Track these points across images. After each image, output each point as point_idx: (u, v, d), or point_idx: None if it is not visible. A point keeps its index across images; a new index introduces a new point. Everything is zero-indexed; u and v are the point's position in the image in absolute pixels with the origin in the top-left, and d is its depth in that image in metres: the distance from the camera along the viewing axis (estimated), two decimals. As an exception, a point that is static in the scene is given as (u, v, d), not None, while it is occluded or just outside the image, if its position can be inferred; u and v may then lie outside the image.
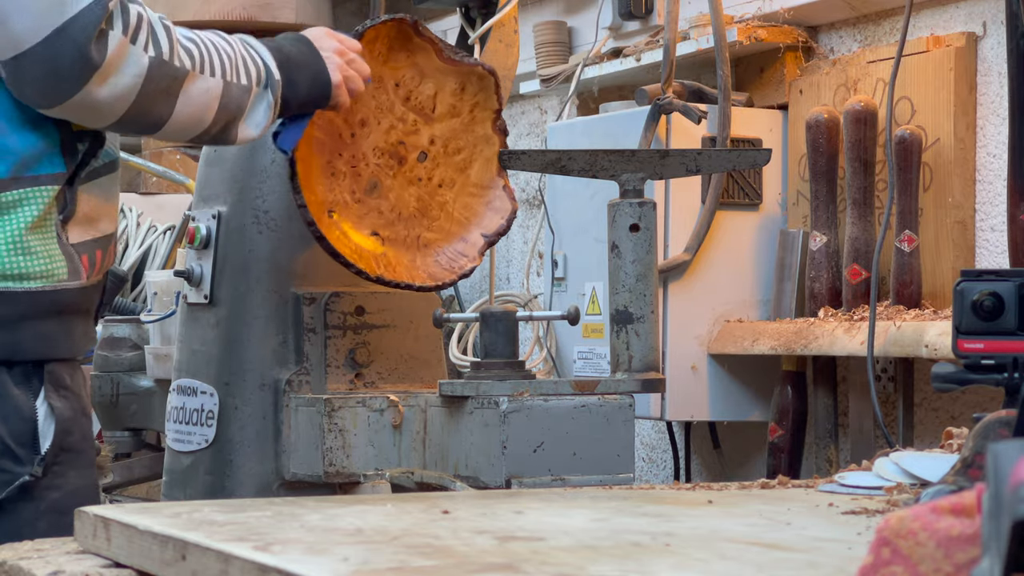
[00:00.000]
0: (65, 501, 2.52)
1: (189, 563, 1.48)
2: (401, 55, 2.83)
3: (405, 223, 2.83)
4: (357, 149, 2.79)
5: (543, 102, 4.62)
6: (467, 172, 2.87)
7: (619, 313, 2.51)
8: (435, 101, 2.85)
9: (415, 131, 2.84)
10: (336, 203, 2.76)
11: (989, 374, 1.94)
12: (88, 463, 2.58)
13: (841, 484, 1.93)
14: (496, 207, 2.86)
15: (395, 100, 2.83)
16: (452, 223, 2.85)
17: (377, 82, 2.79)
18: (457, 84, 2.86)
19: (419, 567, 1.32)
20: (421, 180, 2.84)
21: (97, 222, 2.56)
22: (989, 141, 3.25)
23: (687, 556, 1.39)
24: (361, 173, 2.79)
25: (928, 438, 3.33)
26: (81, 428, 2.57)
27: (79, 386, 2.58)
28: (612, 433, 2.50)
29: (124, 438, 3.95)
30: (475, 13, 3.72)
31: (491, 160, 2.87)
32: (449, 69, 2.85)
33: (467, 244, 2.85)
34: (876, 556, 1.07)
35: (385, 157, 2.82)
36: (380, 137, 2.81)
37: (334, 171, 2.77)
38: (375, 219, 2.80)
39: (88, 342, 2.60)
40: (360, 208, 2.79)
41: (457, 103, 2.87)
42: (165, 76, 2.41)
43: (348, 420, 2.72)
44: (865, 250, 3.33)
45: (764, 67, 3.75)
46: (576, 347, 3.76)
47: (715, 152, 2.81)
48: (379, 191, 2.81)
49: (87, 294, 2.54)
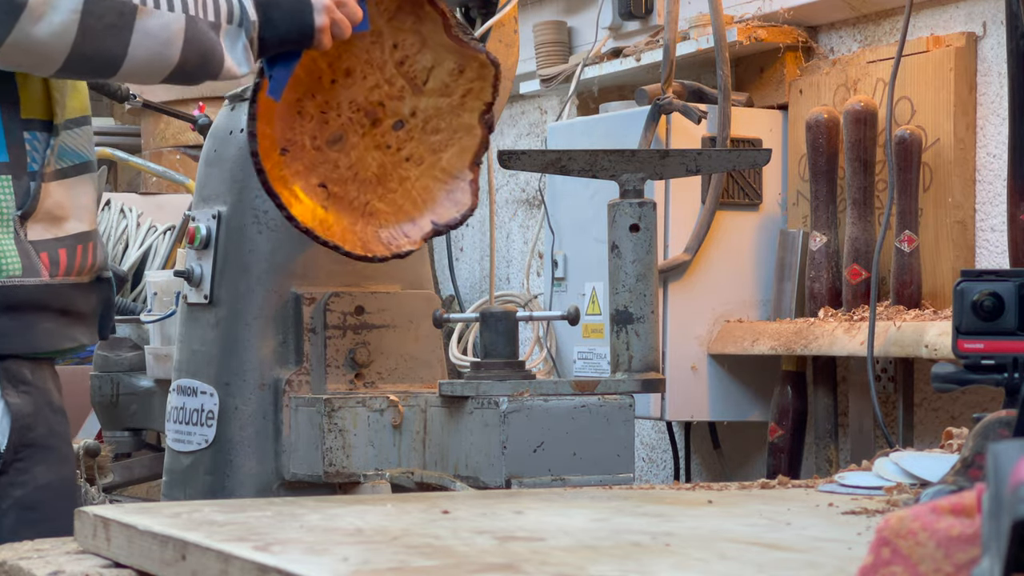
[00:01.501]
0: (33, 496, 2.51)
1: (189, 563, 1.48)
2: (409, 18, 2.75)
3: (359, 185, 2.74)
4: (333, 97, 2.71)
5: (543, 102, 4.62)
6: (439, 155, 2.79)
7: (619, 313, 2.51)
8: (429, 75, 2.77)
9: (399, 97, 2.76)
10: (292, 143, 2.67)
11: (989, 374, 1.94)
12: (59, 458, 2.57)
13: (841, 484, 1.93)
14: (456, 199, 2.78)
15: (388, 60, 2.74)
16: (407, 200, 2.76)
17: (375, 36, 2.72)
18: (456, 65, 2.78)
19: (419, 567, 1.32)
20: (390, 148, 2.76)
21: (63, 221, 2.55)
22: (989, 141, 3.25)
23: (687, 556, 1.39)
24: (329, 122, 2.71)
25: (928, 438, 3.33)
26: (47, 423, 2.56)
27: (44, 381, 2.57)
28: (612, 433, 2.50)
29: (124, 438, 3.95)
30: (475, 13, 3.71)
31: (467, 150, 2.79)
32: (453, 47, 2.77)
33: (414, 227, 2.75)
34: (876, 556, 1.07)
35: (360, 113, 2.74)
36: (361, 92, 2.73)
37: (301, 110, 2.68)
38: (328, 171, 2.71)
39: (62, 340, 2.58)
40: (316, 156, 2.70)
41: (451, 84, 2.79)
42: (108, 10, 2.35)
43: (348, 420, 2.72)
44: (865, 250, 3.33)
45: (764, 67, 3.75)
46: (576, 347, 3.77)
47: (715, 152, 2.81)
48: (342, 145, 2.72)
49: (55, 292, 2.53)
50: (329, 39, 2.56)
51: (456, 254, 4.96)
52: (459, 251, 4.97)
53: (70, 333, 2.59)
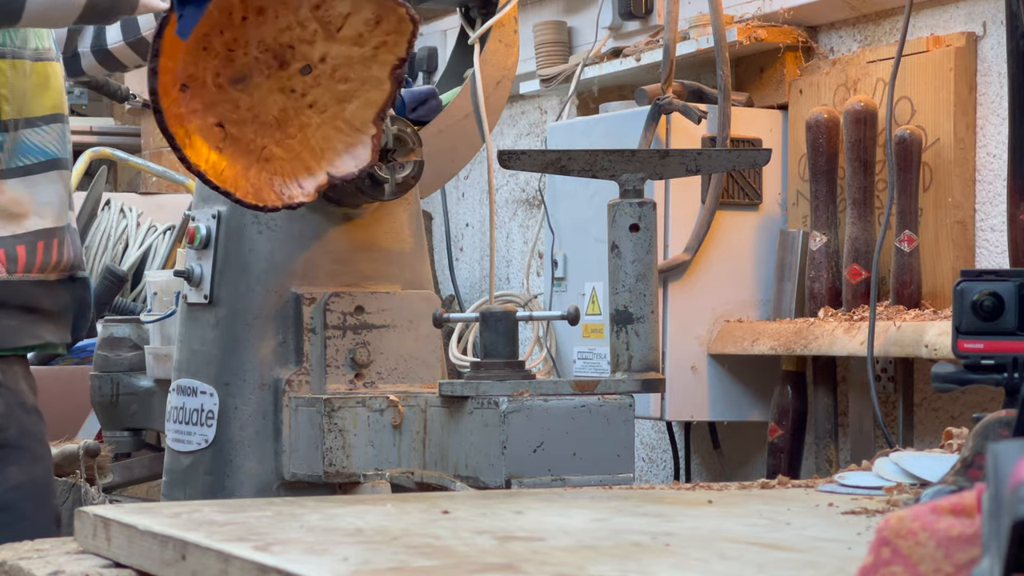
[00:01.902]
0: (5, 498, 2.51)
1: (189, 563, 1.48)
2: None
3: (257, 127, 2.63)
4: (242, 34, 2.61)
5: (543, 102, 4.62)
6: (344, 105, 2.69)
7: (619, 313, 2.50)
8: (345, 21, 2.66)
9: (310, 41, 2.66)
10: (194, 79, 2.56)
11: (989, 374, 1.94)
12: (32, 459, 2.57)
13: (841, 484, 1.93)
14: (356, 153, 2.67)
15: (304, 2, 2.63)
16: (305, 148, 2.67)
17: None
18: (373, 15, 2.66)
19: (419, 567, 1.32)
20: (294, 92, 2.66)
21: (21, 218, 2.54)
22: (989, 141, 3.25)
23: (687, 556, 1.39)
24: (235, 60, 2.61)
25: (928, 438, 3.33)
26: (19, 423, 2.55)
27: (15, 381, 2.56)
28: (612, 433, 2.50)
29: (124, 438, 3.95)
30: (475, 13, 3.71)
31: (374, 104, 2.68)
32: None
33: (310, 177, 2.65)
34: (876, 556, 1.07)
35: (267, 54, 2.63)
36: (272, 32, 2.63)
37: (207, 46, 2.58)
38: (228, 110, 2.61)
39: (24, 338, 2.57)
40: (217, 94, 2.60)
41: (366, 33, 2.67)
42: None
43: (348, 420, 2.72)
44: (865, 250, 3.33)
45: (764, 67, 3.75)
46: (576, 347, 3.76)
47: (715, 152, 2.80)
48: (245, 85, 2.62)
49: (15, 289, 2.52)
50: None
51: (456, 254, 4.96)
52: (459, 251, 4.97)
53: (34, 331, 2.58)
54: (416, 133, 2.89)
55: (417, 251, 2.98)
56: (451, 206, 4.96)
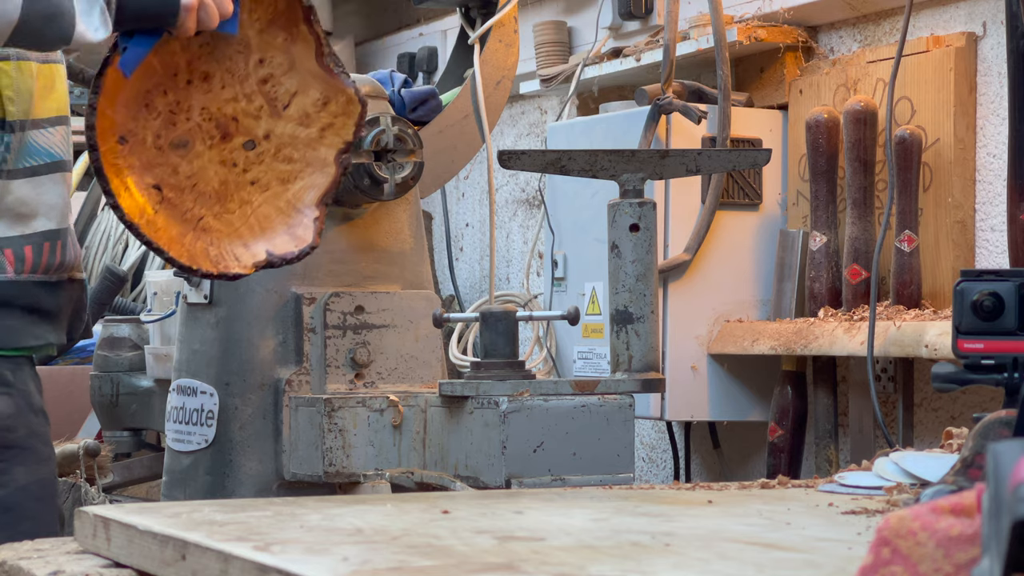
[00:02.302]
0: (12, 498, 2.52)
1: (189, 563, 1.48)
2: (280, 34, 2.59)
3: (196, 197, 2.57)
4: (186, 98, 2.55)
5: (543, 102, 4.62)
6: (287, 186, 2.61)
7: (619, 313, 2.51)
8: (291, 99, 2.61)
9: (256, 116, 2.60)
10: (133, 135, 2.51)
11: (989, 374, 1.94)
12: (38, 460, 2.58)
13: (841, 484, 1.93)
14: (297, 234, 2.59)
15: (251, 75, 2.58)
16: (243, 225, 2.59)
17: (242, 46, 2.57)
18: (322, 96, 2.62)
19: (419, 567, 1.32)
20: (236, 166, 2.59)
21: (28, 219, 2.55)
22: (989, 141, 3.25)
23: (687, 556, 1.39)
24: (177, 124, 2.55)
25: (928, 438, 3.33)
26: (28, 424, 2.56)
27: (24, 383, 2.57)
28: (612, 433, 2.50)
29: (124, 438, 3.95)
30: (475, 13, 3.71)
31: (318, 187, 2.61)
32: (322, 76, 2.61)
33: (246, 251, 2.57)
34: (876, 556, 1.07)
35: (211, 123, 2.57)
36: (216, 101, 2.57)
37: (148, 104, 2.53)
38: (166, 174, 2.54)
39: (28, 338, 2.58)
40: (156, 155, 2.53)
41: (313, 114, 2.62)
42: None
43: (348, 420, 2.72)
44: (865, 250, 3.33)
45: (764, 67, 3.75)
46: (576, 347, 3.76)
47: (715, 152, 2.80)
48: (186, 152, 2.56)
49: (21, 289, 2.53)
50: (194, 23, 2.44)
51: (456, 254, 4.96)
52: (459, 251, 4.97)
53: (37, 331, 2.59)
54: (416, 133, 2.89)
55: (417, 251, 2.98)
56: (451, 206, 4.96)
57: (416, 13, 5.03)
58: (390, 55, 5.10)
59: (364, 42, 5.33)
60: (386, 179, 2.84)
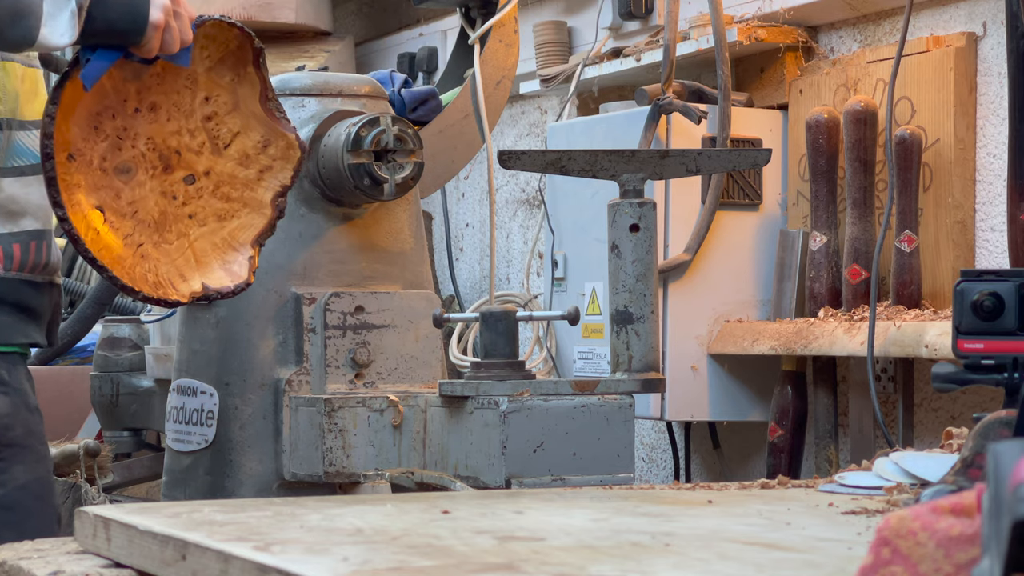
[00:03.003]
0: (12, 496, 2.52)
1: (189, 563, 1.48)
2: (228, 74, 2.64)
3: (136, 224, 2.61)
4: (132, 126, 2.59)
5: (543, 102, 4.62)
6: (224, 223, 2.66)
7: (619, 313, 2.51)
8: (233, 139, 2.66)
9: (197, 152, 2.65)
10: (81, 154, 2.54)
11: (989, 374, 1.94)
12: (36, 458, 2.58)
13: (841, 484, 1.93)
14: (232, 270, 2.64)
15: (196, 111, 2.63)
16: (180, 256, 2.63)
17: (189, 82, 2.61)
18: (262, 138, 2.67)
19: (419, 567, 1.32)
20: (175, 199, 2.63)
21: (18, 217, 2.56)
22: (989, 141, 3.25)
23: (687, 556, 1.39)
24: (123, 149, 2.59)
25: (928, 438, 3.33)
26: (24, 423, 2.57)
27: (20, 381, 2.58)
28: (612, 433, 2.50)
29: (124, 438, 3.96)
30: (475, 13, 3.71)
31: (253, 227, 2.66)
32: (264, 119, 2.66)
33: (184, 282, 2.62)
34: (876, 556, 1.07)
35: (154, 154, 2.61)
36: (161, 133, 2.61)
37: (98, 126, 2.56)
38: (109, 198, 2.58)
39: (15, 335, 2.58)
40: (101, 178, 2.57)
41: (252, 156, 2.67)
42: None
43: (348, 420, 2.72)
44: (865, 250, 3.33)
45: (764, 67, 3.75)
46: (576, 347, 3.76)
47: (715, 152, 2.80)
48: (129, 178, 2.59)
49: (10, 286, 2.54)
50: (159, 42, 2.46)
51: (456, 254, 4.96)
52: (459, 251, 4.97)
53: (24, 329, 2.60)
54: (416, 133, 2.89)
55: (417, 251, 2.98)
56: (451, 206, 4.96)
57: (416, 13, 5.03)
58: (390, 55, 5.10)
59: (364, 42, 5.33)
60: (386, 179, 2.84)
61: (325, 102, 2.96)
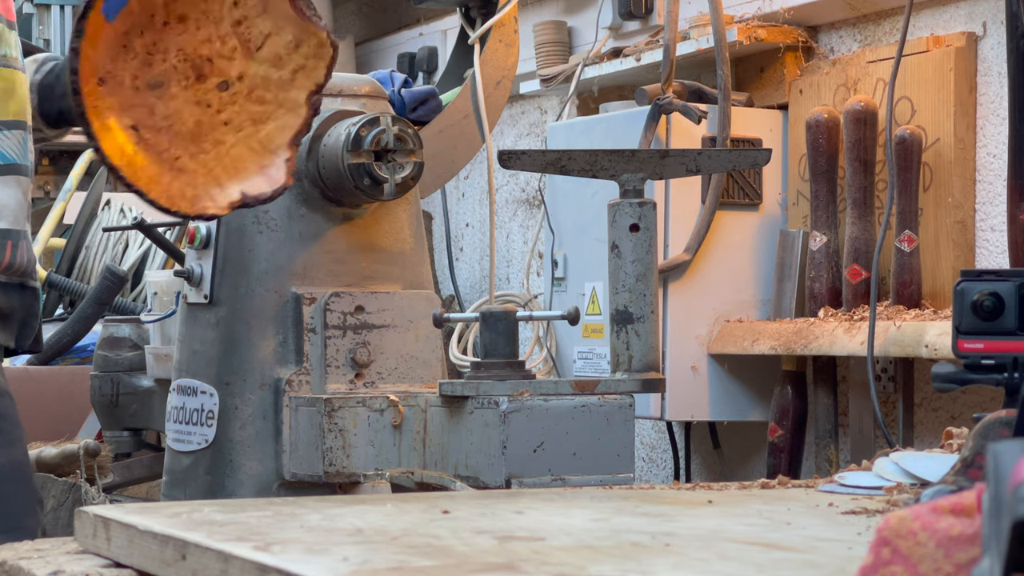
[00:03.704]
0: None
1: (189, 563, 1.48)
2: None
3: (171, 137, 2.58)
4: (162, 39, 2.57)
5: (543, 102, 4.62)
6: (259, 126, 2.64)
7: (619, 313, 2.51)
8: (265, 41, 2.63)
9: (229, 58, 2.62)
10: (112, 76, 2.52)
11: (989, 374, 1.94)
12: (8, 441, 2.57)
13: (841, 484, 1.93)
14: (270, 174, 2.61)
15: (226, 17, 2.60)
16: (218, 165, 2.61)
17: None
18: (294, 38, 2.63)
19: (419, 567, 1.32)
20: (210, 107, 2.61)
21: None
22: (989, 141, 3.25)
23: (687, 556, 1.39)
24: (153, 64, 2.57)
25: (928, 438, 3.33)
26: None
27: None
28: (612, 433, 2.50)
29: (124, 438, 3.95)
30: (475, 13, 3.71)
31: (289, 128, 2.64)
32: (294, 19, 2.62)
33: (222, 192, 2.58)
34: (876, 556, 1.07)
35: (186, 64, 2.59)
36: (192, 42, 2.59)
37: (127, 45, 2.54)
38: (143, 115, 2.56)
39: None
40: (134, 96, 2.55)
41: (285, 56, 2.64)
42: None
43: (348, 420, 2.72)
44: (865, 250, 3.33)
45: (764, 67, 3.75)
46: (576, 347, 3.77)
47: (715, 152, 2.80)
48: (162, 92, 2.58)
49: None
50: None
51: (456, 254, 4.96)
52: (459, 251, 4.97)
53: None
54: (416, 133, 2.89)
55: (417, 251, 2.98)
56: (451, 206, 4.96)
57: (416, 13, 5.03)
58: (390, 55, 5.10)
59: (364, 42, 5.33)
60: (386, 179, 2.84)
61: (325, 102, 2.95)
